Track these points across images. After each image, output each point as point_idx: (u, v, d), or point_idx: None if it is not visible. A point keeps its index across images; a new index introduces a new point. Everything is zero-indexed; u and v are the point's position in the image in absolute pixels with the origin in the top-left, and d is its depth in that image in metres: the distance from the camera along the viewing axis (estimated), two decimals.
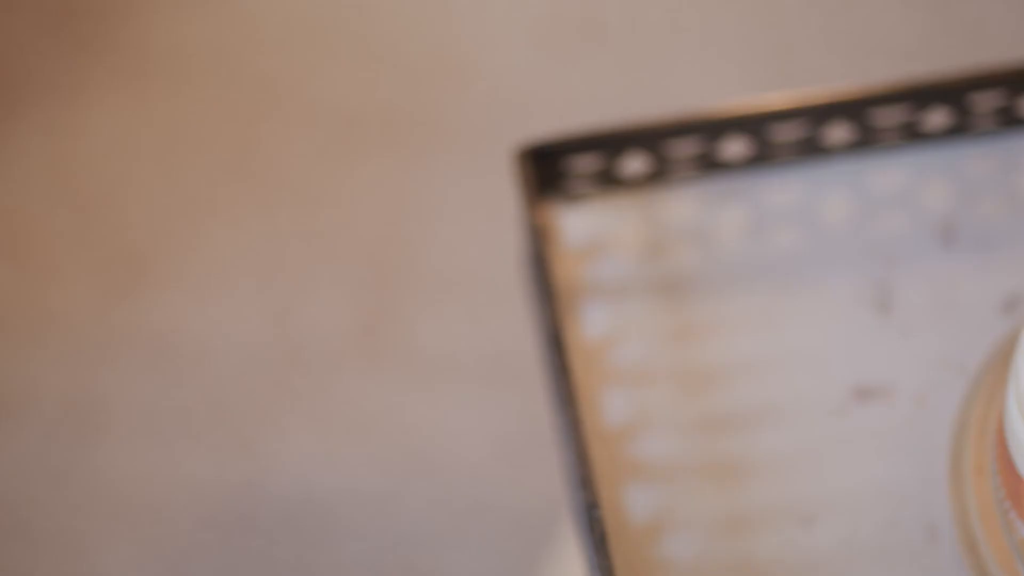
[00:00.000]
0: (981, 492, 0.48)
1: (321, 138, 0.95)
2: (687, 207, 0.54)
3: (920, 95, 0.54)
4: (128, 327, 0.96)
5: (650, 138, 0.53)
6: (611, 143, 0.53)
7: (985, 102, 0.54)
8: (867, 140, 0.54)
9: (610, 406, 0.50)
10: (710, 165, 0.54)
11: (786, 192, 0.54)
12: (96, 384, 0.96)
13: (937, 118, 0.54)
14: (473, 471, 0.90)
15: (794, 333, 0.52)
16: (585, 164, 0.53)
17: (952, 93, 0.54)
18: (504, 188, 0.82)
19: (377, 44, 0.92)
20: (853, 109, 0.53)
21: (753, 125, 0.53)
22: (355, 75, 0.93)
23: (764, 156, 0.54)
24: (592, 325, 0.52)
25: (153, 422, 0.97)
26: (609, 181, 0.54)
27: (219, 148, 1.01)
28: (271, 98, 0.98)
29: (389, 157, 0.87)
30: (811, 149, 0.54)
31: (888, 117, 0.54)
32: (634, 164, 0.54)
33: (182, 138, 0.98)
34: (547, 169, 0.53)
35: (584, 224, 0.54)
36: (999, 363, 0.49)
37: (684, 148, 0.53)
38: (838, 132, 0.54)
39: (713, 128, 0.53)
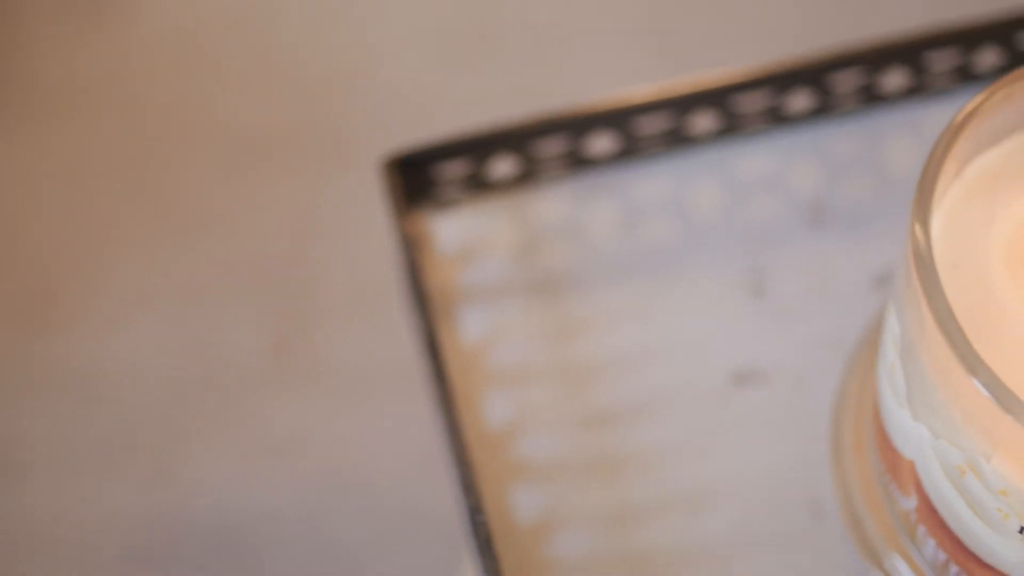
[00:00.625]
0: (862, 468, 0.49)
1: (223, 160, 0.95)
2: (558, 206, 0.54)
3: (781, 79, 0.54)
4: (42, 363, 0.96)
5: (516, 139, 0.53)
6: (477, 147, 0.53)
7: (846, 82, 0.55)
8: (732, 127, 0.55)
9: (492, 409, 0.50)
10: (579, 162, 0.54)
11: (655, 184, 0.54)
12: (13, 423, 0.95)
13: (800, 100, 0.55)
14: (392, 482, 0.89)
15: (671, 323, 0.52)
16: (454, 170, 0.53)
17: (812, 74, 0.54)
18: None
19: (275, 63, 0.92)
20: (716, 97, 0.54)
21: (618, 119, 0.53)
22: (254, 95, 0.93)
23: (631, 150, 0.54)
24: (470, 329, 0.52)
25: (73, 457, 0.96)
26: (480, 185, 0.54)
27: (121, 177, 1.00)
28: (170, 123, 0.98)
29: (292, 175, 0.87)
30: (677, 139, 0.55)
31: (751, 102, 0.54)
32: (503, 166, 0.54)
33: (82, 170, 0.98)
34: (416, 177, 0.53)
35: (457, 230, 0.54)
36: (871, 339, 0.50)
37: (551, 147, 0.54)
38: (703, 121, 0.55)
39: (578, 125, 0.53)
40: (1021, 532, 0.41)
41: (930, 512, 0.44)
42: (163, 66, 0.97)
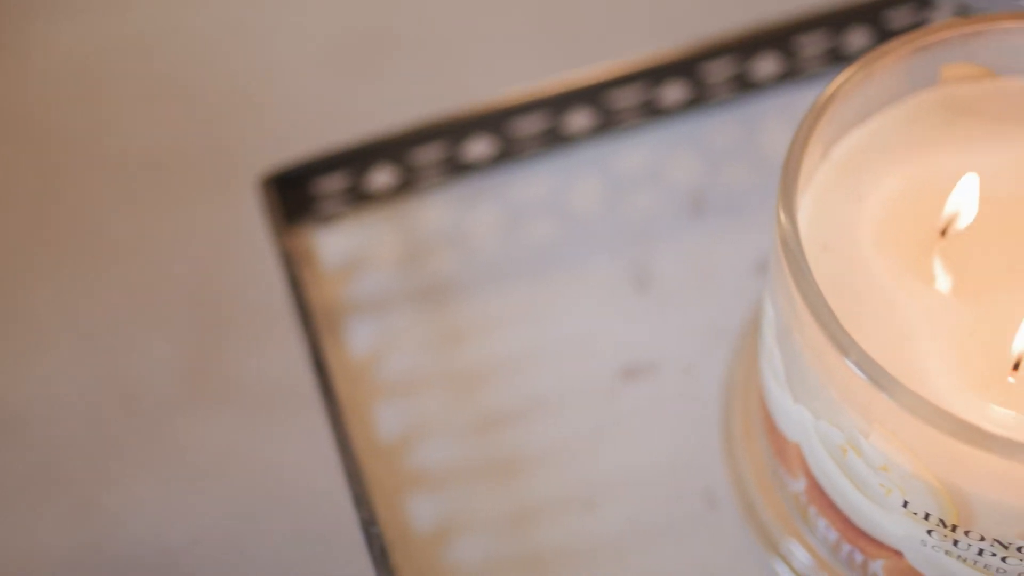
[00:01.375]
0: (752, 453, 0.49)
1: (125, 187, 0.94)
2: (440, 213, 0.54)
3: (654, 72, 0.54)
4: None
5: (394, 149, 0.53)
6: (355, 159, 0.53)
7: (718, 71, 0.55)
8: (609, 123, 0.55)
9: (384, 420, 0.50)
10: (458, 168, 0.54)
11: (535, 184, 0.55)
12: None
13: (674, 92, 0.55)
14: (319, 498, 0.89)
15: (558, 322, 0.52)
16: (334, 183, 0.53)
17: (685, 66, 0.54)
18: None
19: (171, 87, 0.91)
20: (590, 94, 0.54)
21: (494, 122, 0.53)
22: (152, 120, 0.92)
23: (509, 152, 0.54)
24: (358, 342, 0.52)
25: None
26: (360, 197, 0.54)
27: (22, 210, 0.99)
28: (69, 154, 0.97)
29: (192, 197, 0.87)
30: (555, 139, 0.55)
31: (626, 97, 0.54)
32: (382, 177, 0.54)
33: None
34: (296, 193, 0.53)
35: (341, 243, 0.54)
36: (755, 325, 0.50)
37: (430, 154, 0.54)
38: (579, 119, 0.55)
39: (455, 130, 0.53)
40: (905, 506, 0.41)
41: (818, 493, 0.45)
42: (59, 97, 0.97)
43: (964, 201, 0.44)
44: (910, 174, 0.45)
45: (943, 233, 0.44)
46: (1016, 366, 0.41)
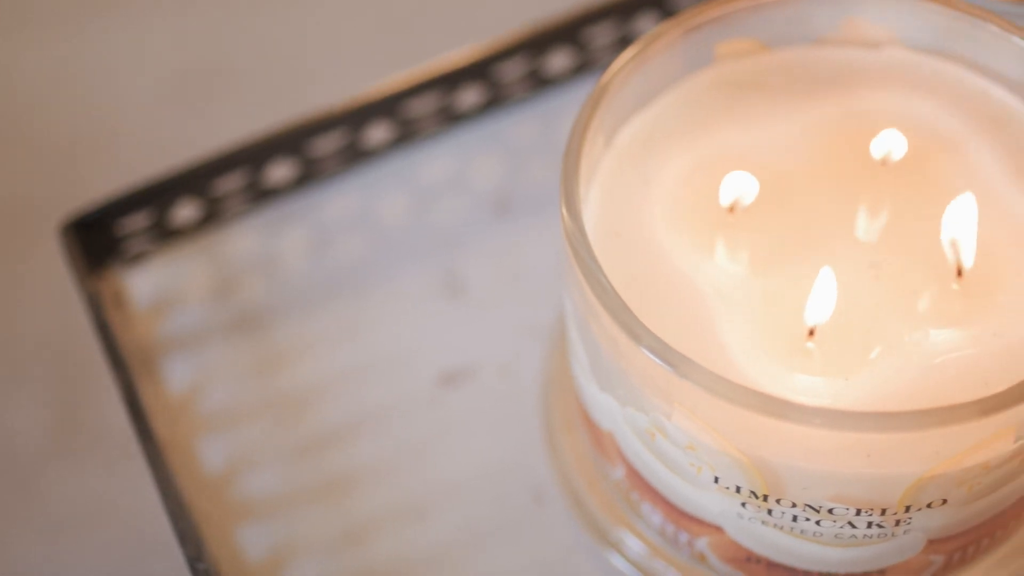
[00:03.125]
0: (575, 447, 0.49)
1: None
2: (248, 241, 0.54)
3: (449, 78, 0.54)
4: None
5: (194, 181, 0.53)
6: (156, 196, 0.53)
7: (512, 70, 0.55)
8: (408, 133, 0.55)
9: (209, 454, 0.50)
10: (261, 194, 0.54)
11: (341, 203, 0.54)
12: None
13: (470, 96, 0.55)
14: (168, 539, 0.88)
15: (375, 337, 0.52)
16: (138, 222, 0.53)
17: (478, 69, 0.55)
18: None
19: (10, 130, 0.90)
20: (387, 106, 0.54)
21: (293, 144, 0.53)
22: None
23: (312, 173, 0.54)
24: (177, 379, 0.51)
25: None
26: (166, 233, 0.54)
27: None
28: None
29: (44, 246, 0.86)
30: (356, 155, 0.55)
31: (423, 106, 0.55)
32: (186, 211, 0.54)
33: None
34: (100, 235, 0.52)
35: (151, 282, 0.53)
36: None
37: (231, 183, 0.53)
38: (379, 132, 0.55)
39: (254, 157, 0.53)
40: (716, 482, 0.42)
41: (637, 478, 0.45)
42: None
43: (747, 177, 0.44)
44: (694, 154, 0.45)
45: (731, 210, 0.44)
46: (812, 332, 0.42)
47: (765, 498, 0.41)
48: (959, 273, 0.43)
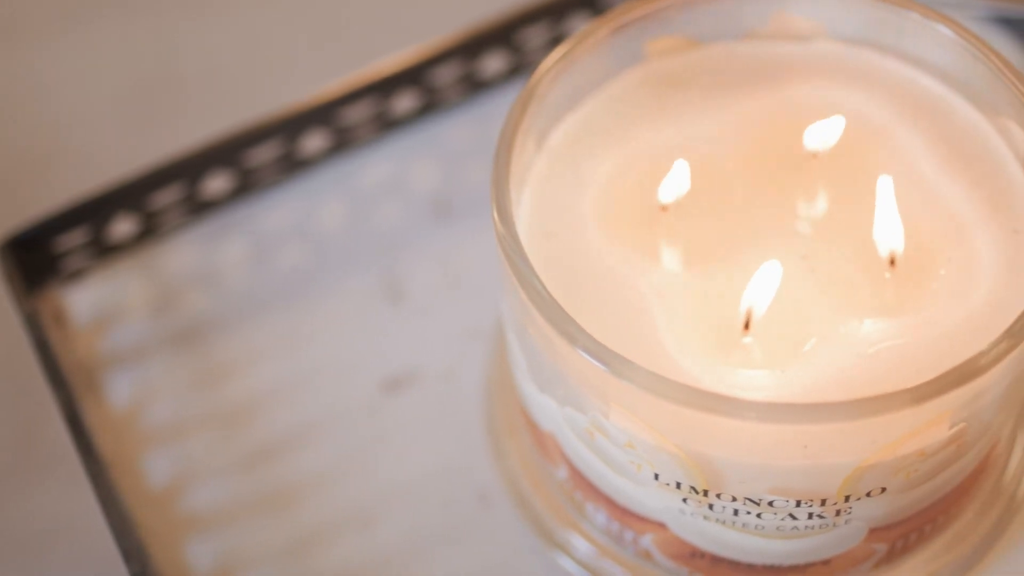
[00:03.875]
0: (519, 449, 0.49)
1: None
2: (187, 254, 0.54)
3: (384, 84, 0.54)
4: None
5: (132, 196, 0.53)
6: (93, 212, 0.52)
7: (447, 74, 0.55)
8: (345, 141, 0.55)
9: (154, 469, 0.50)
10: (199, 207, 0.54)
11: (279, 213, 0.54)
12: None
13: (405, 101, 0.55)
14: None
15: (317, 346, 0.52)
16: (76, 239, 0.53)
17: (412, 73, 0.55)
18: None
19: None
20: (323, 114, 0.54)
21: (229, 155, 0.53)
22: None
23: (249, 184, 0.54)
24: (120, 395, 0.51)
25: None
26: (105, 249, 0.53)
27: None
28: None
29: None
30: (294, 164, 0.55)
31: (359, 112, 0.54)
32: (124, 226, 0.53)
33: None
34: (39, 253, 0.52)
35: (91, 298, 0.53)
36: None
37: (169, 196, 0.53)
38: (315, 140, 0.55)
39: (191, 169, 0.53)
40: (656, 479, 0.42)
41: (580, 478, 0.45)
42: None
43: (679, 174, 0.44)
44: (626, 153, 0.45)
45: (664, 208, 0.44)
46: (747, 326, 0.42)
47: (705, 493, 0.41)
48: (891, 262, 0.43)
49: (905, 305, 0.42)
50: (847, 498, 0.41)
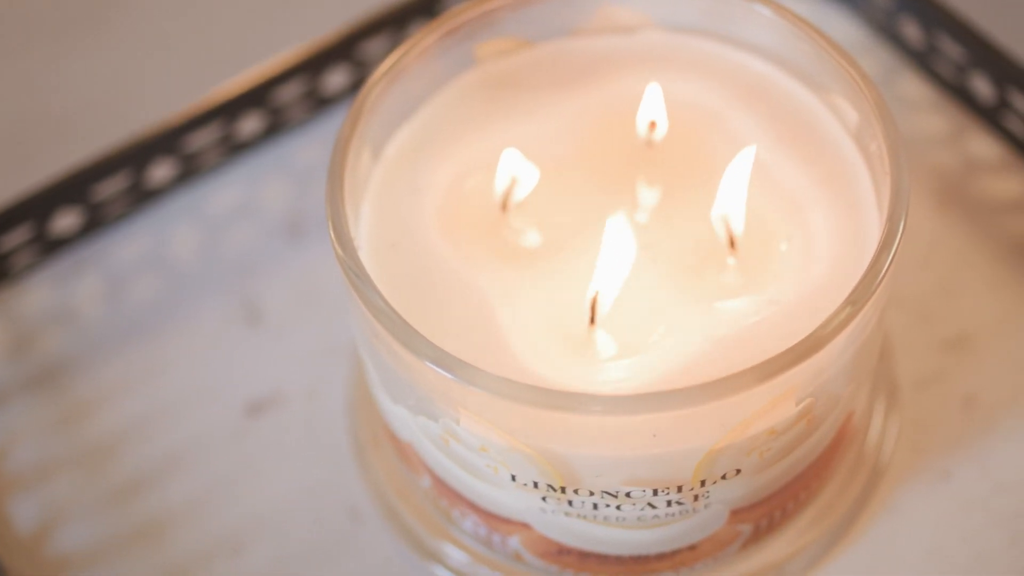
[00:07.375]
0: (383, 462, 0.49)
1: None
2: (40, 294, 0.53)
3: (227, 107, 0.54)
4: None
5: None
6: None
7: (289, 93, 0.55)
8: (192, 167, 0.55)
9: (20, 514, 0.49)
10: (49, 245, 0.53)
11: (131, 245, 0.54)
12: None
13: (250, 124, 0.55)
14: None
15: (178, 375, 0.52)
16: None
17: (256, 95, 0.54)
18: None
19: None
20: (167, 142, 0.53)
21: (76, 191, 0.53)
22: None
23: (98, 218, 0.54)
24: None
25: None
26: None
27: None
28: None
29: None
30: (142, 195, 0.54)
31: (204, 138, 0.54)
32: None
33: None
34: None
35: None
36: None
37: (16, 237, 0.53)
38: (162, 169, 0.54)
39: (37, 208, 0.52)
40: (514, 480, 0.42)
41: (443, 486, 0.45)
42: None
43: (514, 174, 0.44)
44: (463, 157, 0.45)
45: (504, 208, 0.44)
46: (594, 321, 0.42)
47: (563, 490, 0.41)
48: (732, 244, 0.43)
49: (749, 286, 0.43)
50: (703, 483, 0.41)
